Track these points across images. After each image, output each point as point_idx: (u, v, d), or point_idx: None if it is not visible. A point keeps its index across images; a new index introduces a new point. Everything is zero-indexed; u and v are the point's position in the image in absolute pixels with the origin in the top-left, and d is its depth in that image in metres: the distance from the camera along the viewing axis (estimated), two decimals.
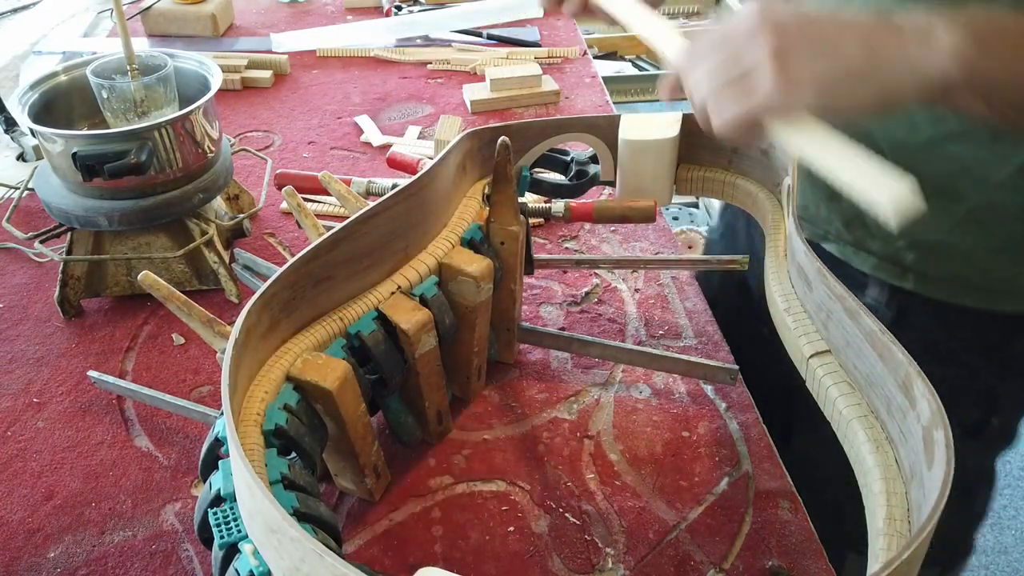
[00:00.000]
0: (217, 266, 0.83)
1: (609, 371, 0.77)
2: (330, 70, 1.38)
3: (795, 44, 0.47)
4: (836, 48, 0.47)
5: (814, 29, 0.48)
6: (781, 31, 0.47)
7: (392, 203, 0.59)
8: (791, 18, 0.48)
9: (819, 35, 0.47)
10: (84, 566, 0.60)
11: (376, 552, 0.61)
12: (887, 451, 0.47)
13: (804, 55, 0.47)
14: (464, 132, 0.68)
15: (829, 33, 0.48)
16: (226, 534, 0.43)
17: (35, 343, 0.80)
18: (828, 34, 0.48)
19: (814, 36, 0.47)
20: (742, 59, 0.48)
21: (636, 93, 2.09)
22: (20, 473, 0.67)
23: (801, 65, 0.47)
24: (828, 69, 0.47)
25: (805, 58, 0.47)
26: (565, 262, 0.86)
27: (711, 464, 0.67)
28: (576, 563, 0.60)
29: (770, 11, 0.49)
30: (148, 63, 0.82)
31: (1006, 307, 0.73)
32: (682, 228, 1.85)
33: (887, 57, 0.47)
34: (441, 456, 0.68)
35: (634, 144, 0.70)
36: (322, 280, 0.56)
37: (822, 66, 0.47)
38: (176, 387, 0.75)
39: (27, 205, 0.99)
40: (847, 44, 0.47)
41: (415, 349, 0.60)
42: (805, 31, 0.48)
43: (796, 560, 0.60)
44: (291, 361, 0.53)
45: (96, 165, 0.73)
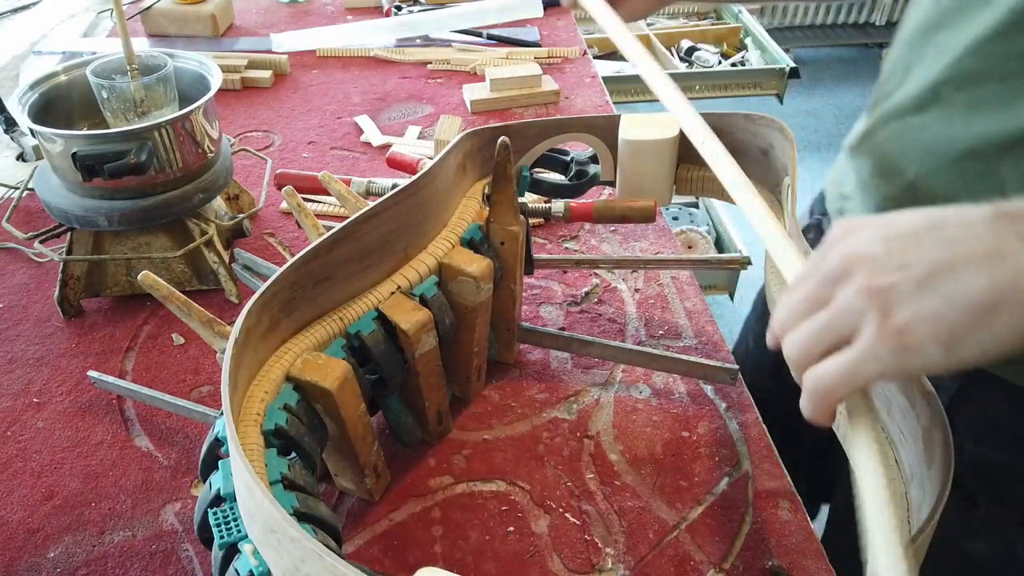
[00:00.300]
0: (217, 266, 0.83)
1: (609, 371, 0.77)
2: (330, 70, 1.38)
3: (896, 280, 0.37)
4: (954, 273, 0.36)
5: (918, 253, 0.37)
6: (871, 264, 0.37)
7: (392, 203, 0.59)
8: (880, 243, 0.38)
9: (925, 259, 0.37)
10: (84, 566, 0.60)
11: (376, 552, 0.61)
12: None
13: (912, 294, 0.36)
14: (464, 132, 0.68)
15: (938, 254, 0.37)
16: (226, 534, 0.43)
17: (35, 343, 0.80)
18: (938, 256, 0.37)
19: (919, 260, 0.37)
20: (832, 308, 0.39)
21: (636, 93, 2.10)
22: (20, 473, 0.67)
23: (911, 309, 0.36)
24: (949, 305, 0.36)
25: (915, 298, 0.36)
26: (565, 262, 0.86)
27: (711, 464, 0.67)
28: (576, 563, 0.60)
29: (853, 240, 0.39)
30: (148, 63, 0.82)
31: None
32: (682, 228, 1.85)
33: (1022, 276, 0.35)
34: (441, 456, 0.68)
35: (634, 144, 0.70)
36: (322, 280, 0.56)
37: (939, 302, 0.36)
38: (176, 387, 0.75)
39: (27, 205, 0.99)
40: (967, 266, 0.36)
41: (415, 349, 0.60)
42: (906, 256, 0.37)
43: (796, 560, 0.60)
44: (291, 361, 0.53)
45: (96, 165, 0.73)
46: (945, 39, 0.60)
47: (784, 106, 2.71)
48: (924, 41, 0.63)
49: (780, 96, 2.20)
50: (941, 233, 0.37)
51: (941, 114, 0.60)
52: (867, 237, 0.38)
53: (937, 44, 0.61)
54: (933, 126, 0.61)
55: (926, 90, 0.62)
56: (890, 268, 0.37)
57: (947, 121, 0.60)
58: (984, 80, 0.57)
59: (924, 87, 0.62)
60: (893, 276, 0.37)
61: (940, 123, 0.60)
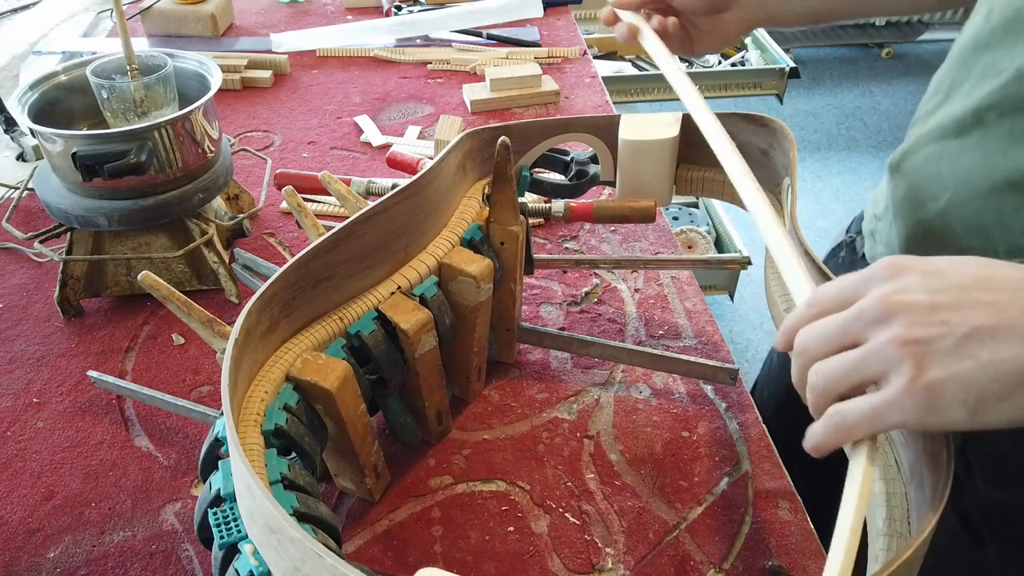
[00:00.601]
0: (217, 266, 0.83)
1: (609, 371, 0.77)
2: (330, 70, 1.38)
3: (936, 335, 0.36)
4: (993, 338, 0.35)
5: (963, 313, 0.36)
6: (914, 314, 0.37)
7: (392, 203, 0.59)
8: (928, 293, 0.37)
9: (968, 321, 0.36)
10: (84, 566, 0.60)
11: (376, 552, 0.61)
12: (887, 452, 0.47)
13: (950, 352, 0.36)
14: (464, 132, 0.68)
15: (982, 318, 0.36)
16: (226, 534, 0.43)
17: (35, 343, 0.80)
18: (977, 320, 0.36)
19: (961, 322, 0.36)
20: (866, 350, 0.38)
21: (636, 93, 2.10)
22: (20, 473, 0.67)
23: (943, 368, 0.36)
24: (983, 371, 0.35)
25: (949, 358, 0.36)
26: (565, 262, 0.86)
27: (711, 464, 0.67)
28: (576, 563, 0.60)
29: (902, 285, 0.38)
30: (148, 63, 0.82)
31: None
32: (682, 228, 1.85)
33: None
34: (441, 456, 0.68)
35: (634, 144, 0.70)
36: (322, 280, 0.56)
37: (973, 367, 0.35)
38: (176, 387, 0.75)
39: (27, 205, 0.99)
40: (1008, 335, 0.35)
41: (415, 349, 0.60)
42: (950, 314, 0.36)
43: (796, 560, 0.60)
44: (291, 361, 0.53)
45: (96, 165, 0.73)
46: (993, 60, 0.57)
47: (784, 106, 2.72)
48: (971, 60, 0.60)
49: (780, 96, 2.20)
50: (990, 294, 0.37)
51: (982, 141, 0.57)
52: (913, 284, 0.38)
53: (983, 64, 0.58)
54: (972, 152, 0.58)
55: (968, 113, 0.58)
56: (931, 323, 0.36)
57: (987, 149, 0.57)
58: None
59: (967, 110, 0.59)
60: (933, 331, 0.36)
61: (979, 150, 0.58)
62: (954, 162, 0.60)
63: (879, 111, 3.30)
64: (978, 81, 0.58)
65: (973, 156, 0.58)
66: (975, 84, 0.59)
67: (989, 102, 0.57)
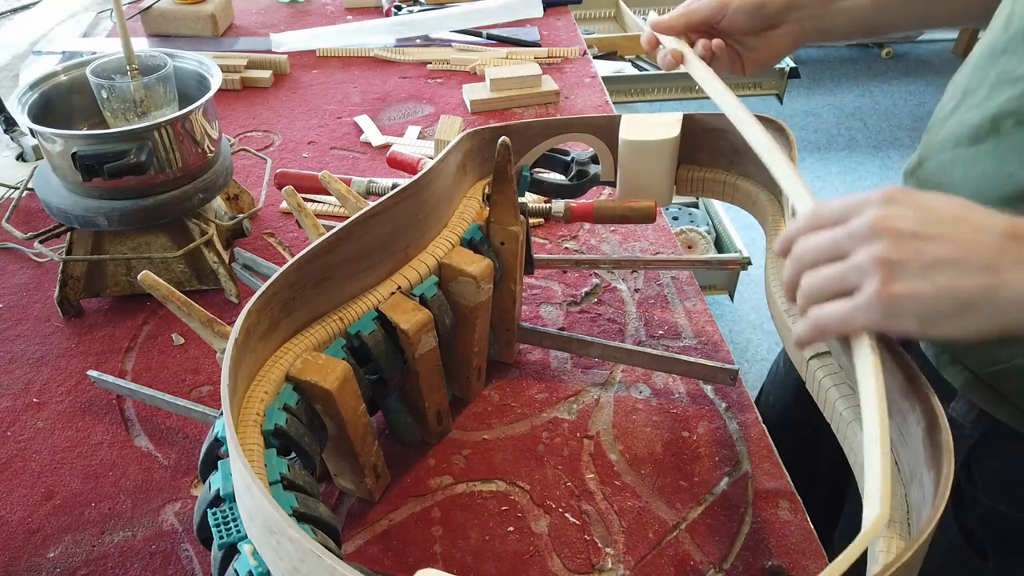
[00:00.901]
0: (217, 266, 0.83)
1: (609, 371, 0.77)
2: (330, 70, 1.38)
3: (908, 259, 0.42)
4: (952, 270, 0.42)
5: (934, 245, 0.42)
6: (896, 239, 0.43)
7: (392, 203, 0.59)
8: (913, 223, 0.43)
9: (936, 253, 0.42)
10: (84, 566, 0.60)
11: (376, 552, 0.61)
12: None
13: (914, 274, 0.42)
14: (464, 132, 0.68)
15: (948, 251, 0.42)
16: (225, 534, 0.43)
17: (35, 343, 0.80)
18: (944, 252, 0.42)
19: (931, 252, 0.42)
20: (848, 263, 0.44)
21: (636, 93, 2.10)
22: (20, 473, 0.67)
23: (908, 285, 0.42)
24: (936, 294, 0.42)
25: (913, 279, 0.42)
26: (565, 262, 0.86)
27: (711, 464, 0.67)
28: (576, 563, 0.60)
29: (892, 212, 0.44)
30: (148, 63, 0.82)
31: None
32: (682, 228, 1.85)
33: (1006, 292, 0.41)
34: (441, 456, 0.68)
35: (634, 144, 0.70)
36: (322, 280, 0.56)
37: (930, 289, 0.42)
38: (176, 387, 0.75)
39: (27, 205, 0.99)
40: (964, 269, 0.41)
41: (415, 349, 0.60)
42: (924, 244, 0.42)
43: (796, 560, 0.60)
44: (291, 361, 0.53)
45: (96, 165, 0.73)
46: (1010, 66, 0.56)
47: (784, 106, 2.71)
48: (987, 66, 0.59)
49: (780, 96, 2.20)
50: (960, 232, 0.42)
51: (996, 149, 0.57)
52: (902, 213, 0.44)
53: (1000, 71, 0.57)
54: (986, 161, 0.58)
55: (985, 121, 0.58)
56: (907, 249, 0.42)
57: (1002, 158, 0.56)
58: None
59: (984, 118, 0.58)
60: (905, 255, 0.42)
61: (994, 159, 0.57)
62: (968, 170, 0.60)
63: (879, 111, 3.30)
64: (994, 88, 0.58)
65: (987, 165, 0.58)
66: (991, 91, 0.58)
67: (1006, 110, 0.56)
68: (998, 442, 0.63)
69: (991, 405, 0.62)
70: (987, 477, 0.63)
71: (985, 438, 0.64)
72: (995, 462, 0.63)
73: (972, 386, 0.63)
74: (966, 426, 0.65)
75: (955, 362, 0.64)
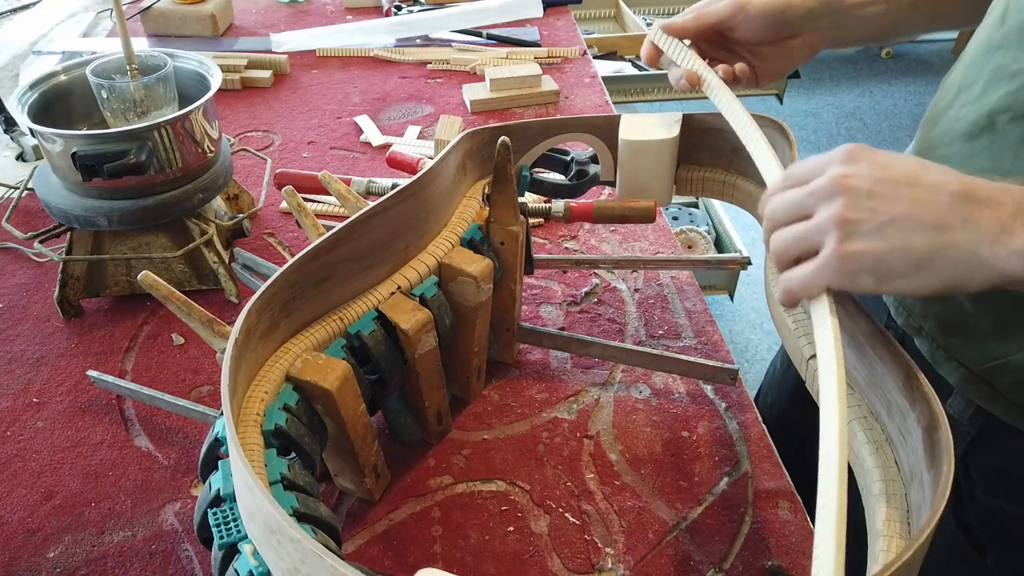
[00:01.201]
0: (217, 266, 0.83)
1: (609, 371, 0.77)
2: (330, 70, 1.38)
3: (864, 218, 0.44)
4: (905, 228, 0.44)
5: (889, 203, 0.44)
6: (854, 198, 0.45)
7: (392, 203, 0.59)
8: (870, 182, 0.45)
9: (891, 211, 0.44)
10: (84, 566, 0.60)
11: (376, 552, 0.61)
12: (887, 452, 0.47)
13: (870, 232, 0.44)
14: (464, 132, 0.68)
15: (902, 209, 0.44)
16: (225, 534, 0.43)
17: (35, 343, 0.80)
18: (898, 211, 0.44)
19: (886, 210, 0.44)
20: (811, 223, 0.46)
21: (636, 93, 2.10)
22: (20, 473, 0.67)
23: (862, 244, 0.44)
24: (890, 251, 0.44)
25: (868, 237, 0.44)
26: (565, 262, 0.86)
27: (711, 464, 0.67)
28: (576, 563, 0.60)
29: (852, 171, 0.46)
30: (148, 63, 0.82)
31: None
32: (682, 228, 1.85)
33: (955, 250, 0.43)
34: (441, 456, 0.68)
35: (634, 144, 0.70)
36: (322, 280, 0.56)
37: (884, 247, 0.44)
38: (176, 387, 0.75)
39: (27, 205, 0.99)
40: (917, 227, 0.43)
41: (415, 349, 0.60)
42: (879, 203, 0.44)
43: (796, 560, 0.60)
44: (291, 361, 0.53)
45: (96, 165, 0.73)
46: (1005, 62, 0.56)
47: (784, 106, 2.72)
48: (982, 62, 0.59)
49: (780, 96, 2.20)
50: (915, 191, 0.44)
51: (992, 145, 0.57)
52: (861, 171, 0.45)
53: (995, 66, 0.57)
54: (982, 157, 0.58)
55: (981, 117, 0.58)
56: (864, 208, 0.44)
57: (997, 154, 0.57)
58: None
59: (979, 114, 0.58)
60: (863, 214, 0.44)
61: (989, 155, 0.57)
62: (962, 166, 0.59)
63: (879, 111, 3.30)
64: (989, 84, 0.58)
65: (983, 161, 0.58)
66: (986, 87, 0.58)
67: (1002, 105, 0.56)
68: (994, 438, 0.64)
69: (987, 401, 0.63)
70: (984, 473, 0.63)
71: (982, 434, 0.64)
72: (992, 458, 0.63)
73: (967, 382, 0.63)
74: (963, 423, 0.65)
75: (950, 359, 0.64)
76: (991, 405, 0.62)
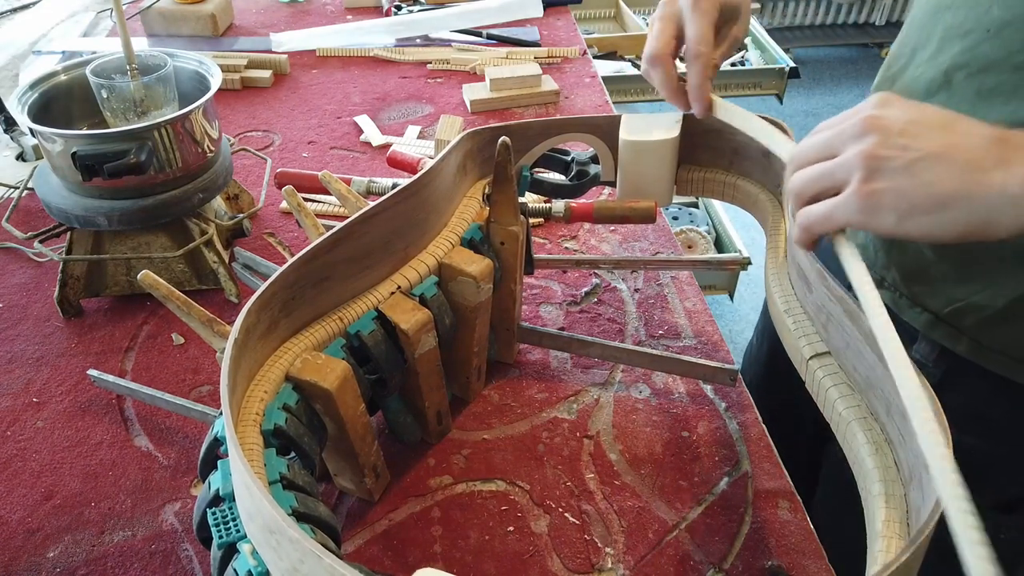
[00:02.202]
0: (217, 266, 0.83)
1: (609, 371, 0.77)
2: (330, 70, 1.38)
3: (894, 155, 0.43)
4: (937, 165, 0.43)
5: (921, 141, 0.43)
6: (885, 135, 0.44)
7: (392, 203, 0.59)
8: (903, 123, 0.44)
9: (923, 148, 0.43)
10: (84, 566, 0.60)
11: (375, 552, 0.61)
12: (886, 453, 0.47)
13: (897, 170, 0.43)
14: (465, 132, 0.68)
15: (935, 147, 0.43)
16: (225, 534, 0.43)
17: (35, 343, 0.80)
18: (930, 148, 0.43)
19: (918, 148, 0.43)
20: (837, 160, 0.46)
21: (636, 93, 2.10)
22: (20, 473, 0.67)
23: (888, 181, 0.43)
24: (917, 188, 0.43)
25: (896, 174, 0.43)
26: (565, 262, 0.86)
27: (711, 464, 0.67)
28: (576, 563, 0.60)
29: (884, 113, 0.45)
30: (148, 63, 0.82)
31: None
32: (682, 228, 1.85)
33: (987, 189, 0.42)
34: (440, 456, 0.68)
35: (635, 145, 0.70)
36: (322, 280, 0.56)
37: (911, 183, 0.43)
38: (176, 387, 0.75)
39: (27, 205, 0.99)
40: (950, 165, 0.43)
41: (415, 349, 0.60)
42: (911, 140, 0.44)
43: (796, 560, 0.60)
44: (291, 361, 0.53)
45: (96, 165, 0.72)
46: (956, 20, 0.58)
47: (784, 106, 2.71)
48: (932, 23, 0.61)
49: (780, 96, 2.20)
50: (947, 134, 0.44)
51: (949, 102, 0.59)
52: (895, 114, 0.45)
53: (946, 25, 0.59)
54: None
55: (938, 75, 0.60)
56: (895, 145, 0.43)
57: (955, 109, 0.58)
58: (997, 68, 0.56)
59: (936, 72, 0.60)
60: (892, 152, 0.43)
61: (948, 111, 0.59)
62: None
63: None
64: (943, 43, 0.59)
65: None
66: (940, 46, 0.60)
67: (958, 63, 0.58)
68: (959, 378, 0.67)
69: (951, 342, 0.65)
70: (952, 413, 0.64)
71: (947, 375, 0.67)
72: (958, 397, 0.64)
73: (932, 326, 0.66)
74: (928, 365, 0.68)
75: (914, 305, 0.67)
76: (955, 345, 0.65)
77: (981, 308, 0.62)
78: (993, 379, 0.65)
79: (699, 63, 0.62)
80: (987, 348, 0.64)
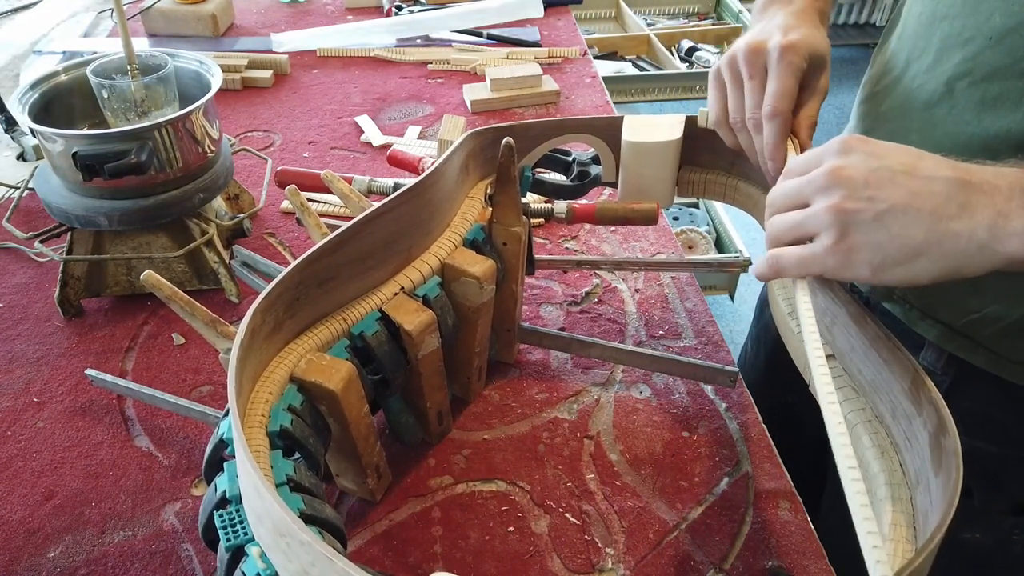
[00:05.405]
0: (217, 266, 0.82)
1: (609, 371, 0.77)
2: (330, 70, 1.38)
3: (860, 208, 0.45)
4: (903, 217, 0.44)
5: (886, 192, 0.44)
6: (851, 189, 0.45)
7: (397, 203, 0.59)
8: (864, 173, 0.45)
9: (889, 199, 0.44)
10: (84, 566, 0.60)
11: (376, 552, 0.61)
12: (892, 456, 0.47)
13: (867, 223, 0.44)
14: (467, 132, 0.68)
15: (900, 198, 0.44)
16: (232, 536, 0.43)
17: (35, 343, 0.80)
18: (896, 199, 0.44)
19: (884, 199, 0.44)
20: (808, 212, 0.47)
21: (636, 93, 2.10)
22: (20, 473, 0.67)
23: (861, 235, 0.45)
24: (889, 243, 0.44)
25: (867, 227, 0.44)
26: (566, 263, 0.86)
27: (711, 464, 0.68)
28: (576, 563, 0.60)
29: (847, 162, 0.46)
30: (148, 63, 0.82)
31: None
32: (682, 228, 1.85)
33: (954, 237, 0.43)
34: (441, 456, 0.68)
35: (637, 146, 0.70)
36: (326, 280, 0.56)
37: (883, 237, 0.44)
38: (176, 387, 0.75)
39: (27, 205, 0.98)
40: (915, 216, 0.44)
41: (418, 350, 0.60)
42: (876, 191, 0.45)
43: (796, 560, 0.60)
44: (295, 362, 0.53)
45: (96, 165, 0.72)
46: (953, 30, 0.58)
47: None
48: (928, 32, 0.61)
49: None
50: (910, 180, 0.45)
51: (953, 110, 0.59)
52: (856, 162, 0.46)
53: (943, 35, 0.59)
54: (945, 123, 0.59)
55: (939, 85, 0.59)
56: (861, 197, 0.45)
57: (958, 118, 0.58)
58: (1001, 75, 0.55)
59: (937, 83, 0.60)
60: (860, 204, 0.45)
61: (951, 120, 0.59)
62: (926, 134, 0.61)
63: None
64: (942, 53, 0.59)
65: (947, 126, 0.60)
66: (939, 56, 0.60)
67: (959, 72, 0.58)
68: (969, 385, 0.67)
69: (967, 353, 0.65)
70: (964, 417, 0.64)
71: (957, 382, 0.67)
72: (968, 403, 0.64)
73: (946, 338, 0.66)
74: (937, 373, 0.68)
75: (926, 317, 0.67)
76: (971, 356, 0.65)
77: (997, 319, 0.61)
78: (1002, 385, 0.64)
79: (777, 122, 0.59)
80: (1005, 359, 0.63)
